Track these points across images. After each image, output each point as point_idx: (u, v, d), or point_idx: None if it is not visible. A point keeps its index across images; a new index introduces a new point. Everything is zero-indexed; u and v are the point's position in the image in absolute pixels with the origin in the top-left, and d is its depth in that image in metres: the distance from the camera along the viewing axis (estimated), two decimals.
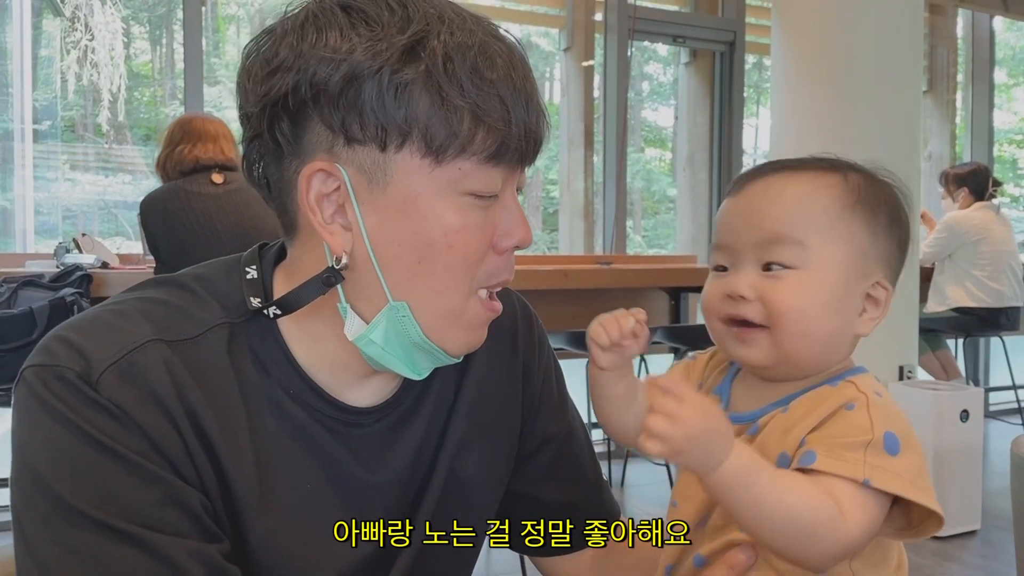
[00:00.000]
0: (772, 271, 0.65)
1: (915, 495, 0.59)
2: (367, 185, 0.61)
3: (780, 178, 0.69)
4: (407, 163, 0.60)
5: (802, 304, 0.64)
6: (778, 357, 0.66)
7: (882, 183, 0.70)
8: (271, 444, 0.65)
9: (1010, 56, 6.82)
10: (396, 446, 0.72)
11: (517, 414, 0.80)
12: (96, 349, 0.59)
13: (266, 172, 0.65)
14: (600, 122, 4.15)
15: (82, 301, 2.25)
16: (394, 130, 0.59)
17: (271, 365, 0.66)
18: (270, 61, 0.60)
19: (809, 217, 0.66)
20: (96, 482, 0.57)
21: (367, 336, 0.64)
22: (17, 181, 3.65)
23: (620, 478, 3.52)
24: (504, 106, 0.60)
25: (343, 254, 0.62)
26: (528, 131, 0.62)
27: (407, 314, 0.63)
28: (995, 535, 2.87)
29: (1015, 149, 7.47)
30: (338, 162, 0.61)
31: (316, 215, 0.62)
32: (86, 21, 3.98)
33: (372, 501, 0.70)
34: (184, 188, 2.26)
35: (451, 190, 0.61)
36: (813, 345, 0.65)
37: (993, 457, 3.74)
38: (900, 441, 0.60)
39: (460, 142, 0.59)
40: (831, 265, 0.65)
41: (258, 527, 0.64)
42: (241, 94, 0.63)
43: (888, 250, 0.69)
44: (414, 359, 0.66)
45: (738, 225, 0.68)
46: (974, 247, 3.91)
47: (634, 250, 5.39)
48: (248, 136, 0.64)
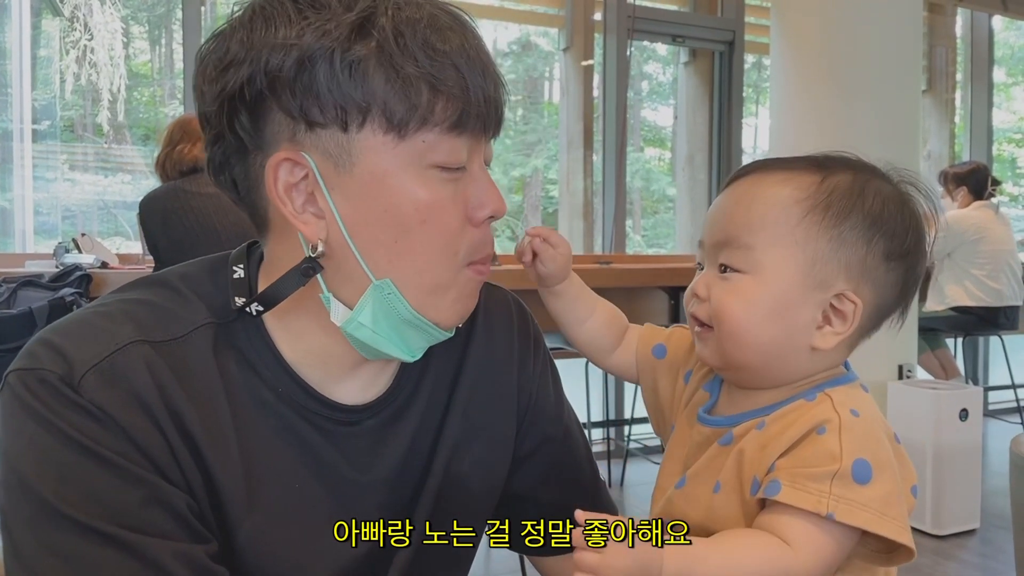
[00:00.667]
0: (726, 273, 0.65)
1: (883, 528, 0.57)
2: (334, 169, 0.61)
3: (757, 178, 0.67)
4: (370, 141, 0.60)
5: (738, 309, 0.63)
6: (722, 360, 0.65)
7: (879, 186, 0.65)
8: (258, 443, 0.65)
9: (1009, 55, 6.82)
10: (387, 445, 0.71)
11: (513, 415, 0.80)
12: (78, 351, 0.60)
13: (232, 173, 0.65)
14: (599, 122, 4.15)
15: (81, 301, 2.24)
16: (353, 109, 0.59)
17: (258, 364, 0.66)
18: (222, 59, 0.60)
19: (763, 220, 0.63)
20: (79, 485, 0.57)
21: (355, 319, 0.63)
22: (16, 181, 3.64)
23: (620, 477, 3.52)
24: (460, 74, 0.60)
25: (318, 242, 0.62)
26: (487, 98, 0.62)
27: (393, 290, 0.63)
28: (994, 534, 2.87)
29: (1014, 148, 7.47)
30: (302, 150, 0.60)
31: (286, 206, 0.62)
32: (85, 21, 3.98)
33: (363, 500, 0.70)
34: (183, 188, 2.26)
35: (417, 164, 0.61)
36: (749, 352, 0.63)
37: (992, 456, 3.74)
38: (872, 468, 0.57)
39: (421, 114, 0.59)
40: (778, 271, 0.62)
41: (246, 527, 0.64)
42: (198, 97, 0.63)
43: (859, 259, 0.63)
44: (406, 338, 0.65)
45: (710, 223, 0.68)
46: (973, 246, 3.91)
47: (633, 250, 5.39)
48: (210, 138, 0.64)
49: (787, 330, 0.63)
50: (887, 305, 0.66)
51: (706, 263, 0.67)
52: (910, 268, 0.66)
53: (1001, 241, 3.95)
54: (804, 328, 0.63)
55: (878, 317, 0.66)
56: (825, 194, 0.63)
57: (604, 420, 3.86)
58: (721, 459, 0.64)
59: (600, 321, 0.80)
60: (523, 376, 0.81)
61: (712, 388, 0.72)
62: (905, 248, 0.65)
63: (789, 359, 0.64)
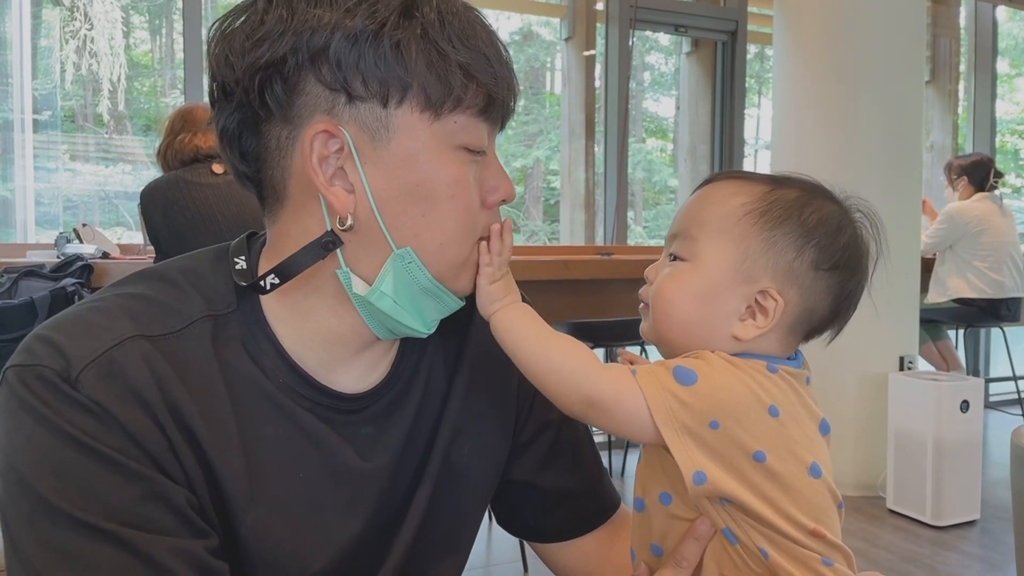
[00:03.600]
0: (674, 261, 0.72)
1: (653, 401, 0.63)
2: (370, 142, 0.62)
3: (719, 184, 0.73)
4: (408, 118, 0.62)
5: (672, 290, 0.70)
6: (654, 335, 0.72)
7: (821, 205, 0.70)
8: (260, 435, 0.65)
9: (1012, 46, 6.79)
10: (387, 432, 0.72)
11: (512, 402, 0.81)
12: (76, 347, 0.60)
13: (242, 145, 0.65)
14: (601, 112, 4.14)
15: (83, 291, 2.25)
16: (395, 86, 0.61)
17: (258, 355, 0.66)
18: (256, 31, 0.61)
19: (711, 217, 0.70)
20: (77, 481, 0.57)
21: (378, 288, 0.64)
22: (18, 171, 3.64)
23: (620, 468, 3.53)
24: (490, 64, 0.64)
25: (348, 215, 0.63)
26: (510, 88, 0.67)
27: (413, 258, 0.64)
28: (994, 525, 2.88)
29: (1017, 139, 7.45)
30: (339, 123, 0.62)
31: (318, 176, 0.63)
32: (85, 10, 3.97)
33: (365, 488, 0.70)
34: (184, 178, 2.25)
35: (448, 143, 0.64)
36: (675, 328, 0.70)
37: (993, 447, 3.75)
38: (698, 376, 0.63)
39: (455, 96, 0.63)
40: (712, 261, 0.69)
41: (249, 518, 0.64)
42: (219, 66, 0.63)
43: (787, 264, 0.68)
44: (423, 309, 0.67)
45: (673, 219, 0.75)
46: (975, 238, 3.91)
47: (635, 241, 5.39)
48: (229, 107, 0.64)
49: (711, 314, 0.69)
50: (818, 312, 0.71)
51: (663, 253, 0.75)
52: (841, 282, 0.70)
53: (1003, 233, 3.95)
54: (727, 316, 0.69)
55: (808, 322, 0.71)
56: (768, 202, 0.69)
57: None
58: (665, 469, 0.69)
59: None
60: None
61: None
62: (835, 262, 0.69)
63: (710, 341, 0.69)
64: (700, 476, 0.62)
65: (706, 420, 0.62)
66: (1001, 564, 2.58)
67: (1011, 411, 4.54)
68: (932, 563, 2.58)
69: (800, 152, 3.23)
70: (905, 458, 2.93)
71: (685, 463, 0.62)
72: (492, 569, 2.57)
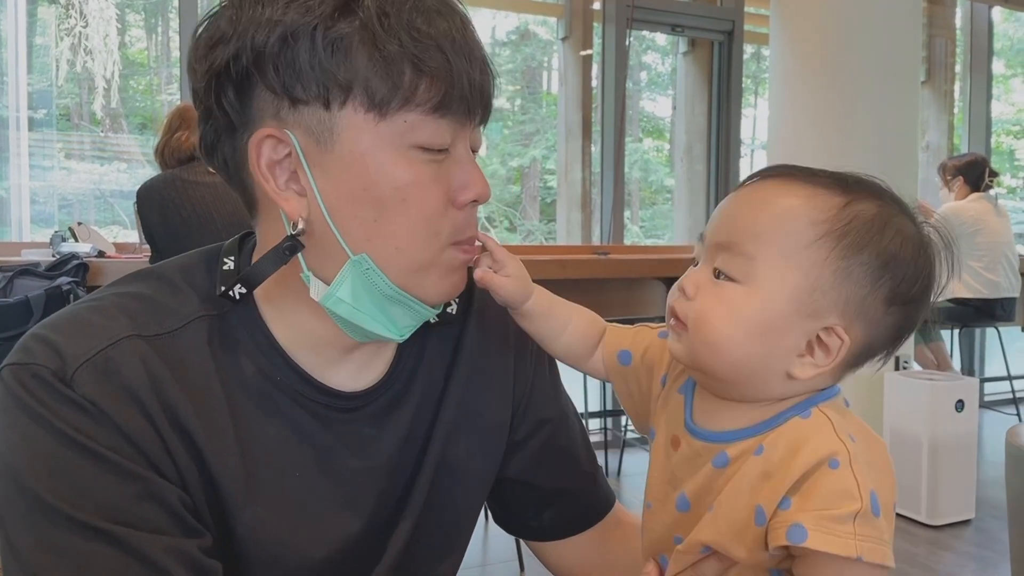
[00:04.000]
0: (719, 278, 0.61)
1: (888, 560, 0.57)
2: (316, 146, 0.61)
3: (776, 185, 0.63)
4: (352, 119, 0.60)
5: (722, 319, 0.60)
6: (692, 361, 0.63)
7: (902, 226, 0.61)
8: (256, 434, 0.65)
9: (1008, 47, 6.81)
10: (384, 431, 0.71)
11: (508, 401, 0.80)
12: (71, 346, 0.59)
13: (223, 152, 0.65)
14: (598, 112, 4.14)
15: (78, 290, 2.24)
16: (335, 87, 0.59)
17: (255, 353, 0.66)
18: (212, 36, 0.61)
19: (773, 233, 0.60)
20: (72, 480, 0.57)
21: (333, 294, 0.63)
22: (12, 169, 3.63)
23: (616, 468, 3.54)
24: (444, 56, 0.60)
25: (299, 219, 0.62)
26: (472, 82, 0.62)
27: (371, 265, 0.63)
28: (989, 524, 2.89)
29: (1012, 140, 7.47)
30: (286, 127, 0.61)
31: (269, 182, 0.62)
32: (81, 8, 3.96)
33: (361, 487, 0.70)
34: (181, 177, 2.25)
35: (399, 144, 0.61)
36: (722, 364, 0.61)
37: (988, 447, 3.76)
38: (878, 498, 0.57)
39: (403, 94, 0.59)
40: (774, 289, 0.59)
41: (245, 518, 0.64)
42: (190, 75, 0.64)
43: (860, 298, 0.59)
44: (391, 315, 0.65)
45: (716, 221, 0.64)
46: (970, 238, 3.91)
47: (631, 240, 5.39)
48: (201, 114, 0.64)
49: (766, 351, 0.60)
50: (877, 346, 0.63)
51: (702, 261, 0.64)
52: (910, 316, 0.62)
53: (998, 233, 3.96)
54: (785, 353, 0.60)
55: (864, 356, 0.63)
56: (845, 221, 0.59)
57: (601, 410, 3.87)
58: (719, 483, 0.62)
59: (576, 332, 0.76)
60: (519, 362, 0.81)
61: (685, 391, 0.69)
62: (911, 295, 0.61)
63: (761, 380, 0.61)
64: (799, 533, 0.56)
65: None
66: (996, 563, 2.59)
67: (1006, 411, 4.55)
68: (927, 562, 2.59)
69: (796, 152, 3.24)
70: (900, 458, 2.94)
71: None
72: (488, 568, 2.57)
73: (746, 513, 0.59)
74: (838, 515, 0.56)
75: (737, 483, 0.60)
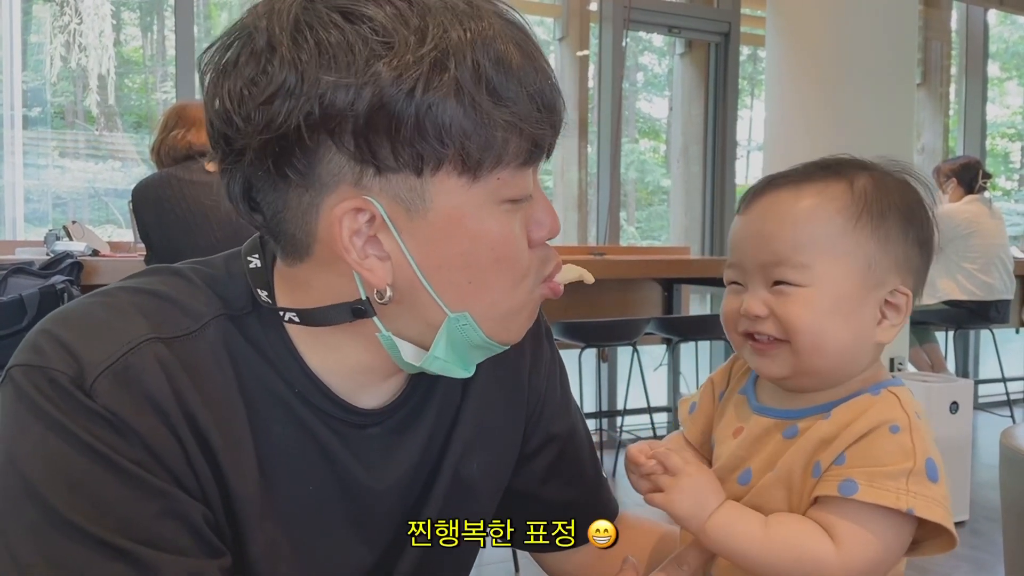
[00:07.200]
0: (781, 288, 0.65)
1: (950, 524, 0.60)
2: (405, 214, 0.56)
3: (786, 194, 0.67)
4: (445, 184, 0.56)
5: (813, 318, 0.64)
6: (796, 369, 0.66)
7: (892, 181, 0.68)
8: (274, 444, 0.63)
9: (1003, 50, 6.83)
10: (400, 448, 0.69)
11: (521, 416, 0.79)
12: (89, 351, 0.56)
13: (256, 196, 0.59)
14: (594, 113, 4.14)
15: (72, 289, 2.23)
16: (430, 153, 0.54)
17: (275, 360, 0.63)
18: (266, 86, 0.53)
19: (813, 237, 0.65)
20: (92, 493, 0.54)
21: (432, 355, 0.61)
22: (7, 168, 3.62)
23: (612, 469, 3.54)
24: (534, 103, 0.57)
25: (386, 287, 0.58)
26: (555, 124, 0.60)
27: (469, 322, 0.61)
28: (983, 526, 2.90)
29: (1007, 143, 7.50)
30: (369, 194, 0.56)
31: (350, 253, 0.57)
32: (75, 5, 3.95)
33: (375, 504, 0.68)
34: (176, 176, 2.24)
35: (490, 201, 0.58)
36: (829, 357, 0.65)
37: (982, 449, 3.77)
38: (938, 468, 0.61)
39: (496, 153, 0.56)
40: (838, 281, 0.65)
41: (259, 534, 0.62)
42: (217, 116, 0.56)
43: (903, 253, 0.66)
44: (470, 359, 0.65)
45: (746, 245, 0.67)
46: (965, 240, 3.93)
47: (627, 241, 5.39)
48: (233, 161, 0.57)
49: (856, 331, 0.66)
50: (918, 290, 0.70)
51: (749, 283, 0.67)
52: (930, 252, 0.69)
53: (993, 235, 3.97)
54: (869, 326, 0.66)
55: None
56: (860, 199, 0.66)
57: (597, 411, 3.87)
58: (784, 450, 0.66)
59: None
60: (533, 375, 0.80)
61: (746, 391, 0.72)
62: (928, 232, 0.69)
63: (859, 356, 0.67)
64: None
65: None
66: (990, 565, 2.59)
67: (1000, 412, 4.56)
68: (922, 563, 2.59)
69: (792, 153, 3.24)
70: None
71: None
72: (483, 569, 2.57)
73: (802, 467, 0.63)
74: (891, 471, 0.59)
75: (802, 443, 0.65)
